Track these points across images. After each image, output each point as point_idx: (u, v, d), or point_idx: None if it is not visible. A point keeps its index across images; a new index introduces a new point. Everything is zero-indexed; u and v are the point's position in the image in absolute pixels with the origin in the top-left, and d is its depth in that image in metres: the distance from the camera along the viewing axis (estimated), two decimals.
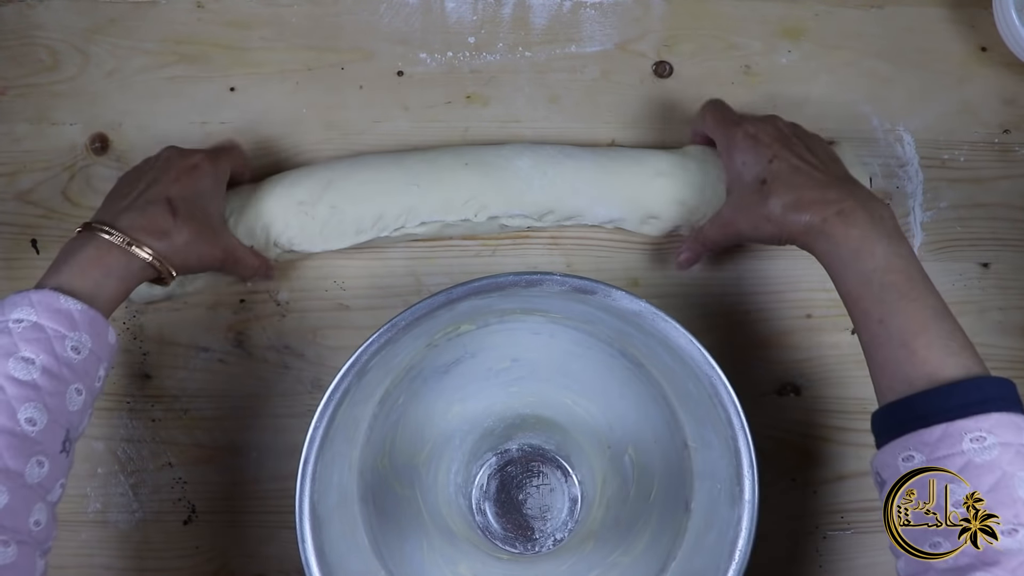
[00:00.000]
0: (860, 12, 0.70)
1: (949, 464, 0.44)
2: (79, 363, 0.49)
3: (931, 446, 0.45)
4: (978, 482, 0.43)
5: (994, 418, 0.44)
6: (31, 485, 0.46)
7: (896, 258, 0.51)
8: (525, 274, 0.55)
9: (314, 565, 0.52)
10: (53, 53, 0.68)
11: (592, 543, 0.63)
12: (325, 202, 0.62)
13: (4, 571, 0.44)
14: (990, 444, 0.44)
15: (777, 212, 0.55)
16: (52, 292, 0.49)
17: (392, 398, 0.61)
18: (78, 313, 0.49)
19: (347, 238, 0.63)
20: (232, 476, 0.65)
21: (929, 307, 0.49)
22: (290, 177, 0.64)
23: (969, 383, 0.46)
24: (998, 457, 0.43)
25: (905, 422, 0.46)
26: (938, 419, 0.45)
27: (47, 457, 0.47)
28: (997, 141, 0.70)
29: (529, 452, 0.64)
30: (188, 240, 0.55)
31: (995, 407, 0.45)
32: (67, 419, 0.49)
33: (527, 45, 0.69)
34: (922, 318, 0.49)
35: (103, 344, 0.51)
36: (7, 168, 0.67)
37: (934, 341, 0.48)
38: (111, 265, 0.52)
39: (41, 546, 0.47)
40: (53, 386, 0.48)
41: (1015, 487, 0.43)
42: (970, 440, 0.44)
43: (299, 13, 0.69)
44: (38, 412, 0.47)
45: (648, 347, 0.59)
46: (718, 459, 0.57)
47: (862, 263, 0.52)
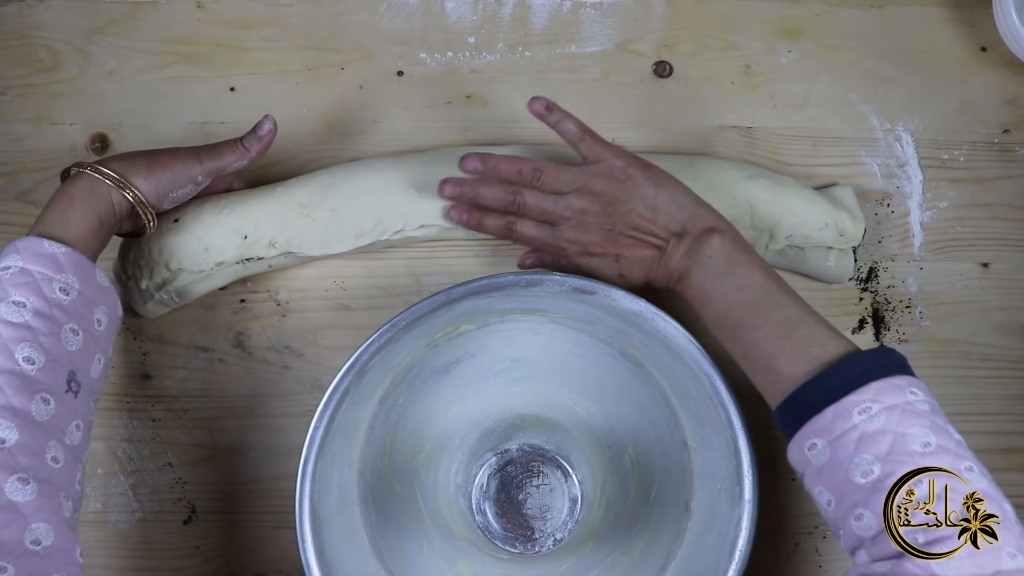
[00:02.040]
0: (860, 12, 0.70)
1: (846, 440, 0.47)
2: (69, 304, 0.51)
3: (827, 429, 0.48)
4: (876, 449, 0.46)
5: (874, 387, 0.47)
6: (40, 423, 0.47)
7: (734, 293, 0.54)
8: (525, 274, 0.55)
9: (314, 565, 0.52)
10: (53, 53, 0.68)
11: (592, 543, 0.63)
12: (326, 205, 0.62)
13: (26, 508, 0.45)
14: (876, 412, 0.46)
15: (644, 263, 0.59)
16: (36, 238, 0.51)
17: (392, 398, 0.61)
18: (62, 256, 0.51)
19: (347, 242, 0.63)
20: (232, 476, 0.65)
21: (779, 325, 0.52)
22: (290, 181, 0.64)
23: (844, 362, 0.49)
24: (886, 421, 0.46)
25: (799, 415, 0.49)
26: (825, 403, 0.48)
27: (52, 395, 0.48)
28: (997, 141, 0.70)
29: (529, 452, 0.64)
30: (151, 156, 0.57)
31: (872, 376, 0.47)
32: (68, 359, 0.50)
33: (527, 45, 0.69)
34: (775, 340, 0.52)
35: (93, 286, 0.53)
36: (7, 168, 0.67)
37: (793, 355, 0.51)
38: (81, 198, 0.54)
39: (67, 488, 0.48)
40: (46, 327, 0.49)
41: (908, 443, 0.46)
42: (858, 413, 0.47)
43: (299, 13, 0.69)
44: (35, 351, 0.48)
45: (648, 347, 0.59)
46: (718, 459, 0.57)
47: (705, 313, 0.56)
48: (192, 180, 0.58)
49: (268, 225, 0.62)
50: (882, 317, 0.68)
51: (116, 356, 0.65)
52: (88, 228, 0.54)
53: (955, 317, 0.68)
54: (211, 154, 0.59)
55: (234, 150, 0.60)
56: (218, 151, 0.59)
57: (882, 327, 0.67)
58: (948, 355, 0.67)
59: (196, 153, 0.59)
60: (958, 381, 0.67)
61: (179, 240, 0.61)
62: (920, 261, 0.68)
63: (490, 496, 0.64)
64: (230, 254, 0.62)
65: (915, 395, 0.48)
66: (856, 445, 0.46)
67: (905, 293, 0.68)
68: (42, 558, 0.45)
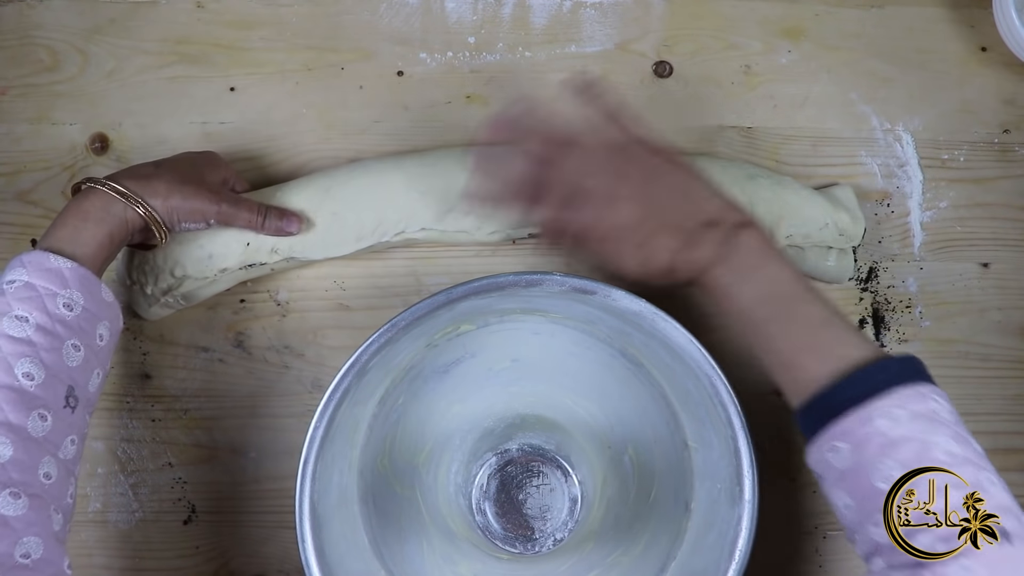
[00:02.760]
0: (860, 12, 0.70)
1: (870, 444, 0.46)
2: (73, 320, 0.50)
3: (851, 432, 0.47)
4: (900, 455, 0.45)
5: (900, 393, 0.46)
6: (36, 439, 0.47)
7: (764, 288, 0.52)
8: (525, 274, 0.55)
9: (314, 565, 0.52)
10: (53, 53, 0.68)
11: (592, 543, 0.63)
12: (326, 209, 0.62)
13: (17, 522, 0.45)
14: (901, 418, 0.46)
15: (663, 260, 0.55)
16: (43, 252, 0.51)
17: (392, 398, 0.61)
18: (68, 271, 0.51)
19: (348, 245, 0.63)
20: (232, 476, 0.65)
21: (808, 324, 0.51)
22: (289, 184, 0.64)
23: (871, 367, 0.48)
24: (911, 428, 0.45)
25: (822, 418, 0.48)
26: (851, 406, 0.47)
27: (49, 411, 0.48)
28: (997, 141, 0.70)
29: (529, 452, 0.64)
30: (170, 182, 0.56)
31: (899, 382, 0.47)
32: (68, 375, 0.50)
33: (527, 45, 0.69)
34: (803, 339, 0.51)
35: (98, 302, 0.52)
36: (7, 168, 0.67)
37: (821, 355, 0.50)
38: (95, 216, 0.53)
39: (57, 501, 0.48)
40: (48, 342, 0.49)
41: (932, 451, 0.45)
42: (884, 418, 0.46)
43: (299, 13, 0.69)
44: (35, 367, 0.48)
45: (648, 347, 0.59)
46: (718, 459, 0.57)
47: (730, 306, 0.53)
48: (204, 219, 0.58)
49: None
50: (882, 317, 0.68)
51: (116, 356, 0.65)
52: (99, 245, 0.53)
53: (955, 317, 0.68)
54: (231, 206, 0.58)
55: (251, 216, 0.59)
56: (237, 207, 0.59)
57: (882, 327, 0.67)
58: (948, 355, 0.67)
59: (217, 198, 0.58)
60: (958, 381, 0.67)
61: (184, 248, 0.61)
62: (920, 261, 0.68)
63: (490, 496, 0.64)
64: (233, 260, 0.62)
65: (938, 404, 0.47)
66: (880, 450, 0.45)
67: (905, 293, 0.68)
68: (31, 571, 0.45)
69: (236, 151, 0.67)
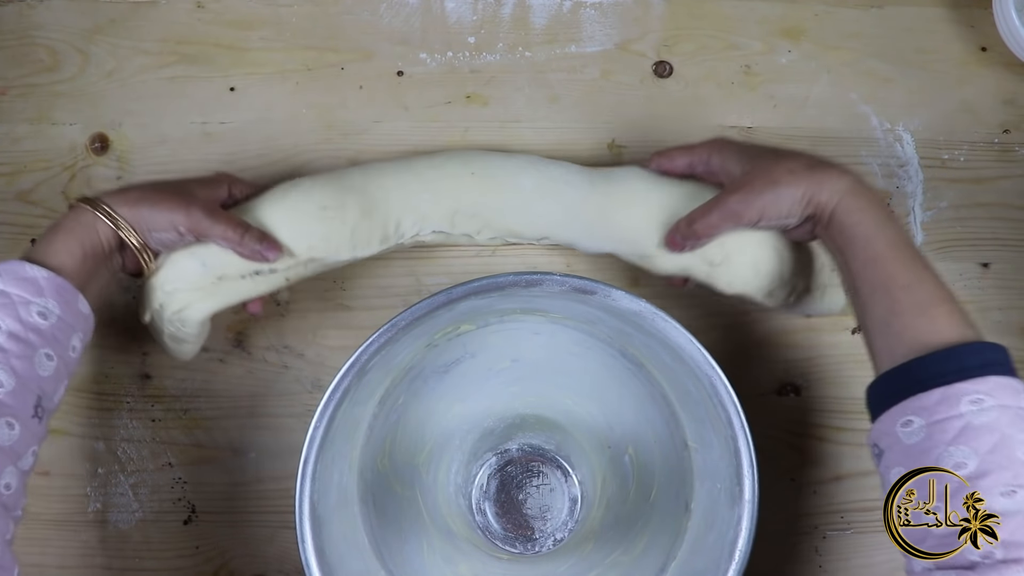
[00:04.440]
0: (860, 12, 0.70)
1: (948, 426, 0.44)
2: (47, 329, 0.50)
3: (929, 410, 0.45)
4: (977, 444, 0.43)
5: (992, 381, 0.45)
6: (2, 447, 0.47)
7: (899, 235, 0.52)
8: (525, 274, 0.55)
9: (314, 565, 0.52)
10: (53, 53, 0.68)
11: (592, 543, 0.63)
12: (352, 206, 0.59)
13: None
14: (988, 406, 0.44)
15: (800, 165, 0.54)
16: (19, 262, 0.51)
17: (392, 398, 0.61)
18: (44, 280, 0.50)
19: (374, 245, 0.60)
20: (232, 476, 0.65)
21: (924, 289, 0.49)
22: (303, 183, 0.60)
23: (967, 347, 0.46)
24: (996, 419, 0.44)
25: (904, 388, 0.47)
26: (936, 383, 0.45)
27: (17, 420, 0.48)
28: (997, 141, 0.70)
29: (529, 452, 0.64)
30: (144, 191, 0.56)
31: (992, 371, 0.45)
32: (38, 384, 0.50)
33: (527, 45, 0.69)
34: (941, 287, 0.49)
35: (74, 312, 0.52)
36: (7, 168, 0.67)
37: (953, 310, 0.48)
38: (67, 226, 0.53)
39: (10, 512, 0.48)
40: (20, 349, 0.49)
41: (1014, 448, 0.43)
42: (968, 402, 0.44)
43: (299, 13, 0.69)
44: (5, 374, 0.48)
45: (648, 347, 0.59)
46: (718, 459, 0.57)
47: (892, 227, 0.51)
48: (174, 228, 0.54)
49: (282, 229, 0.57)
50: None
51: (116, 356, 0.65)
52: (70, 255, 0.53)
53: None
54: (206, 216, 0.55)
55: (228, 231, 0.55)
56: (214, 219, 0.55)
57: None
58: None
59: (188, 204, 0.54)
60: None
61: (172, 257, 0.57)
62: None
63: (490, 496, 0.64)
64: (233, 268, 0.57)
65: None
66: (957, 434, 0.44)
67: None
68: None
69: (236, 151, 0.67)
